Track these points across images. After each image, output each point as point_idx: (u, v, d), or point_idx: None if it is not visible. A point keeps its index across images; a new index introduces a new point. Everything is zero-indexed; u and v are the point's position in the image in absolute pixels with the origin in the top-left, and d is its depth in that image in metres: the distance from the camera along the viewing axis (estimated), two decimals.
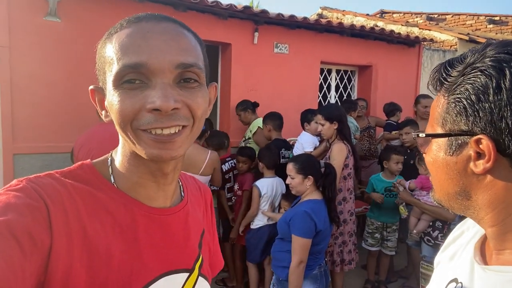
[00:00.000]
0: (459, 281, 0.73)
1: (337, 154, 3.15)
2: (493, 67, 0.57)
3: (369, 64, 6.16)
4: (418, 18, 11.75)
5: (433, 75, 0.68)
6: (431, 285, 0.85)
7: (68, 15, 3.74)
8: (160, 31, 0.63)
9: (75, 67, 3.76)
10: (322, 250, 2.55)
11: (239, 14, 4.66)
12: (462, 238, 0.86)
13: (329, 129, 3.24)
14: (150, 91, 0.61)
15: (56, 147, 3.69)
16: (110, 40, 0.66)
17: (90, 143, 2.77)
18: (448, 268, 0.81)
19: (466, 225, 0.89)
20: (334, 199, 2.62)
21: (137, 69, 0.61)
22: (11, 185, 0.61)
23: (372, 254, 3.82)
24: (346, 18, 10.15)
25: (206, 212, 0.92)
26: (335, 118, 3.21)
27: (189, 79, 0.64)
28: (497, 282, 0.63)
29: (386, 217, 3.68)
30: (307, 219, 2.35)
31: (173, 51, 0.62)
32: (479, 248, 0.74)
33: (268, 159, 3.45)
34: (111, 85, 0.63)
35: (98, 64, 0.70)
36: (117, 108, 0.62)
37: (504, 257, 0.65)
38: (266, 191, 3.37)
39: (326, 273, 2.61)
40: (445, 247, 0.91)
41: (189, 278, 0.76)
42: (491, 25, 10.85)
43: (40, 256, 0.56)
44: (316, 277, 2.50)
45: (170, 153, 0.64)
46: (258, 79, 5.02)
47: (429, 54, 7.00)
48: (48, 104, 3.71)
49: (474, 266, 0.71)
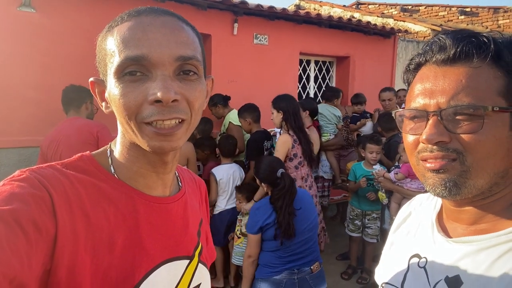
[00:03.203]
0: (422, 256, 0.77)
1: (279, 145, 3.26)
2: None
3: (347, 55, 6.25)
4: (393, 9, 11.97)
5: (467, 44, 0.65)
6: (391, 263, 0.87)
7: (43, 5, 3.63)
8: (160, 25, 0.65)
9: (51, 59, 3.67)
10: (294, 255, 2.33)
11: (218, 5, 4.63)
12: (412, 218, 0.90)
13: (276, 117, 3.35)
14: (151, 83, 0.63)
15: (32, 141, 3.60)
16: (111, 33, 0.67)
17: (57, 139, 2.74)
18: (405, 246, 0.84)
19: (412, 206, 0.94)
20: (283, 213, 2.30)
21: (139, 61, 0.62)
22: (14, 175, 0.62)
23: (354, 240, 3.93)
24: (323, 9, 10.23)
25: (202, 203, 0.95)
26: (281, 108, 3.31)
27: (188, 71, 0.67)
28: (469, 251, 0.67)
29: (365, 205, 3.78)
30: (253, 214, 2.41)
31: (173, 44, 0.64)
32: (439, 224, 0.78)
33: (223, 147, 3.64)
34: (112, 77, 0.65)
35: (98, 56, 0.71)
36: (121, 102, 0.64)
37: (479, 226, 0.69)
38: (221, 176, 3.53)
39: (301, 283, 2.31)
40: (396, 227, 0.94)
41: (189, 264, 0.78)
42: (462, 16, 11.18)
43: (46, 244, 0.57)
44: (279, 283, 2.28)
45: (171, 144, 0.66)
46: (238, 70, 5.02)
47: (403, 45, 7.17)
48: (23, 97, 3.61)
49: (437, 241, 0.75)
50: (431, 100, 0.66)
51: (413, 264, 0.78)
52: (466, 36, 0.66)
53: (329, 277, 3.87)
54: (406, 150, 0.75)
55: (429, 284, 0.72)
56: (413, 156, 0.71)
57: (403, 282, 0.79)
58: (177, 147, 0.68)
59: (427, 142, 0.65)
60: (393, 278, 0.83)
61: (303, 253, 2.36)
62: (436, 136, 0.64)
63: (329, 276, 3.91)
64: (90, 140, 2.70)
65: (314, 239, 2.44)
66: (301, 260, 2.34)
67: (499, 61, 0.64)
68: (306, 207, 2.42)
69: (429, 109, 0.66)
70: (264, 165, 2.54)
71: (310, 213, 2.44)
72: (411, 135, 0.71)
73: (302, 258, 2.35)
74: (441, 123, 0.65)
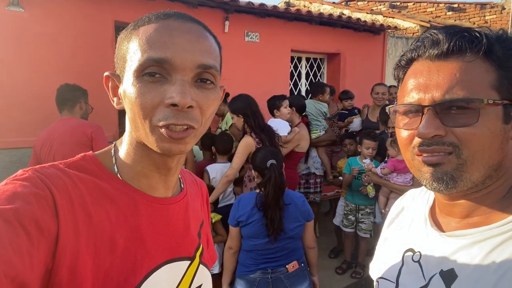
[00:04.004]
0: (416, 250, 0.77)
1: (240, 148, 3.15)
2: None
3: (337, 51, 6.29)
4: (382, 5, 12.04)
5: (459, 39, 0.65)
6: (385, 258, 0.88)
7: (32, 4, 3.59)
8: (186, 31, 0.66)
9: (41, 58, 3.63)
10: (269, 259, 2.28)
11: (209, 3, 4.62)
12: (405, 213, 0.90)
13: (238, 121, 3.23)
14: (169, 86, 0.64)
15: (23, 142, 3.57)
16: (136, 32, 0.67)
17: (51, 139, 2.72)
18: (399, 241, 0.85)
19: (404, 200, 0.94)
20: (271, 206, 2.26)
21: (161, 63, 0.63)
22: (16, 175, 0.62)
23: (347, 235, 3.97)
24: (313, 6, 10.25)
25: (203, 204, 0.95)
26: (240, 111, 3.20)
27: (205, 80, 0.68)
28: (463, 245, 0.68)
29: (358, 199, 3.82)
30: (234, 207, 2.39)
31: (196, 51, 0.65)
32: (431, 219, 0.79)
33: (217, 145, 3.61)
34: (131, 74, 0.65)
35: (118, 51, 0.71)
36: (137, 101, 0.64)
37: (472, 220, 0.70)
38: (215, 175, 3.50)
39: (276, 282, 2.27)
40: (389, 223, 0.95)
41: (190, 265, 0.78)
42: (450, 12, 11.30)
43: (47, 244, 0.57)
44: (252, 282, 2.26)
45: (180, 147, 0.67)
46: (229, 68, 4.99)
47: (393, 42, 7.23)
48: (13, 97, 3.57)
49: (430, 235, 0.76)
50: (426, 94, 0.66)
51: (408, 259, 0.79)
52: (459, 31, 0.66)
53: (324, 272, 3.91)
54: (400, 146, 0.75)
55: (424, 278, 0.73)
56: (407, 151, 0.71)
57: (398, 276, 0.80)
58: (184, 151, 0.69)
59: (423, 136, 0.66)
60: (388, 273, 0.84)
61: (279, 258, 2.31)
62: (433, 130, 0.64)
63: (323, 271, 3.95)
64: (84, 141, 2.68)
65: (293, 247, 2.36)
66: (275, 263, 2.30)
67: (491, 55, 0.65)
68: (294, 209, 2.37)
69: (424, 103, 0.66)
70: (259, 153, 2.54)
71: (298, 216, 2.38)
72: (405, 130, 0.71)
73: (276, 261, 2.30)
74: (437, 117, 0.65)
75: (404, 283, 0.78)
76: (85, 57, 3.83)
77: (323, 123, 4.60)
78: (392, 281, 0.81)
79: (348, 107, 5.07)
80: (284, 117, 3.89)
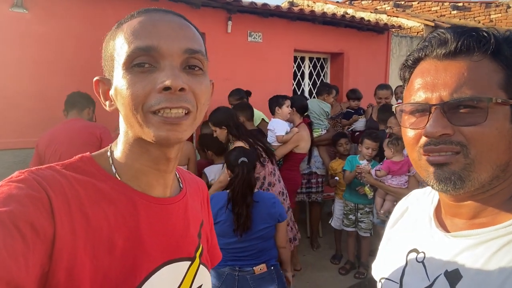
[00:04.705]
0: (420, 251, 0.77)
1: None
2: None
3: (341, 51, 6.27)
4: (386, 5, 11.99)
5: (467, 38, 0.65)
6: (388, 258, 0.88)
7: (35, 6, 3.60)
8: (169, 20, 0.68)
9: (44, 59, 3.64)
10: (236, 258, 2.32)
11: (212, 3, 4.62)
12: (409, 213, 0.90)
13: (221, 134, 3.21)
14: (159, 73, 0.64)
15: (27, 142, 3.57)
16: (120, 28, 0.69)
17: (57, 140, 2.74)
18: (403, 240, 0.84)
19: (408, 201, 0.93)
20: (238, 202, 2.28)
21: (148, 51, 0.64)
22: (12, 176, 0.61)
23: (350, 235, 3.96)
24: (316, 5, 10.23)
25: (203, 204, 0.94)
26: (222, 123, 3.17)
27: (194, 66, 0.69)
28: (468, 245, 0.68)
29: (356, 198, 3.81)
30: None
31: (181, 38, 0.67)
32: (437, 219, 0.78)
33: (212, 147, 3.59)
34: (120, 68, 0.66)
35: (105, 53, 0.71)
36: (128, 92, 0.65)
37: (478, 221, 0.70)
38: (214, 176, 3.49)
39: (241, 281, 2.28)
40: (393, 223, 0.94)
41: (191, 266, 0.78)
42: (455, 11, 11.23)
43: (43, 246, 0.56)
44: (221, 274, 2.30)
45: (177, 134, 0.66)
46: (232, 68, 5.01)
47: (397, 41, 7.20)
48: (17, 98, 3.58)
49: (435, 235, 0.75)
50: (433, 93, 0.66)
51: (411, 259, 0.78)
52: (466, 31, 0.66)
53: (327, 272, 3.91)
54: (406, 146, 0.74)
55: (428, 278, 0.72)
56: (414, 151, 0.70)
57: (402, 277, 0.79)
58: (182, 139, 0.68)
59: (431, 135, 0.65)
60: (392, 273, 0.83)
61: (246, 258, 2.32)
62: (440, 129, 0.64)
63: (327, 271, 3.96)
64: (93, 142, 2.72)
65: (262, 248, 2.36)
66: (242, 262, 2.32)
67: (498, 55, 0.65)
68: (263, 209, 2.36)
69: (431, 102, 0.66)
70: (234, 152, 2.55)
71: (266, 217, 2.37)
72: (411, 129, 0.70)
73: (243, 260, 2.32)
74: (444, 116, 0.64)
75: (408, 283, 0.78)
76: (88, 58, 3.82)
77: (325, 122, 4.59)
78: (395, 282, 0.81)
79: (355, 107, 5.06)
80: (284, 116, 3.89)
